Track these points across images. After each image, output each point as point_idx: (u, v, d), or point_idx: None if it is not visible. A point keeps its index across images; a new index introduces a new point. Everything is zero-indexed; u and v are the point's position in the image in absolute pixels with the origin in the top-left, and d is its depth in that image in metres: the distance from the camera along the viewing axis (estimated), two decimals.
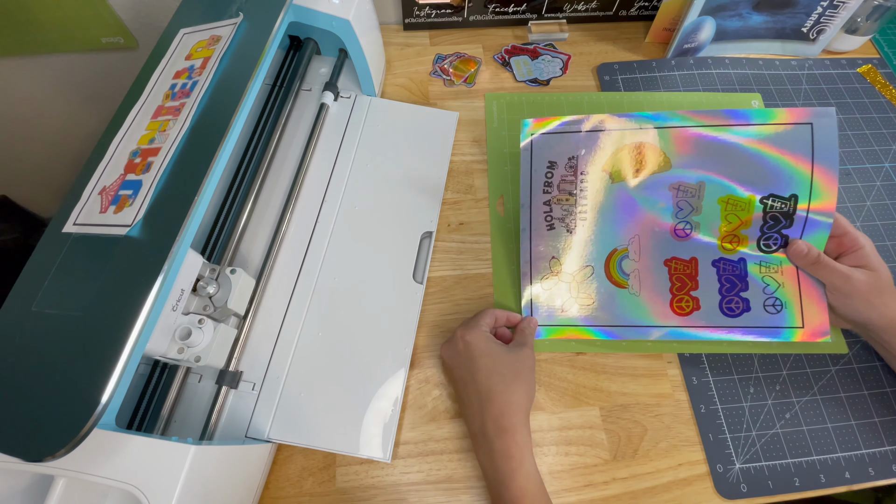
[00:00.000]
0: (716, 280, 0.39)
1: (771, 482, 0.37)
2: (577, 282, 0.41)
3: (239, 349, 0.37)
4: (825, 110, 0.36)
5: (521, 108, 0.53)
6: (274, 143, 0.45)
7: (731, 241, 0.39)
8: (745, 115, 0.38)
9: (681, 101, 0.52)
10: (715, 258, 0.39)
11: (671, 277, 0.39)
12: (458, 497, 0.36)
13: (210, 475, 0.29)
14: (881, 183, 0.49)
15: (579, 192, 0.40)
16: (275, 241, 0.42)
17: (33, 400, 0.25)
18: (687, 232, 0.39)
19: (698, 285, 0.39)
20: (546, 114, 0.51)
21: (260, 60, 0.36)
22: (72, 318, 0.27)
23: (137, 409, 0.35)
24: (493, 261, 0.45)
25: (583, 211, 0.40)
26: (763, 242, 0.38)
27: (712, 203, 0.39)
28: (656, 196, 0.39)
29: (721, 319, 0.39)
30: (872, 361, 0.41)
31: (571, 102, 0.53)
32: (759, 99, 0.53)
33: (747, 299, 0.38)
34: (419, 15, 0.57)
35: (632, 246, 0.40)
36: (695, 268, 0.39)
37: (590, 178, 0.40)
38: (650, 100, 0.53)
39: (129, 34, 0.56)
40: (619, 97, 0.53)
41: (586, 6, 0.58)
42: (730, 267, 0.39)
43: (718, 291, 0.39)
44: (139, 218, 0.30)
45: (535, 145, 0.41)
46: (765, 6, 0.53)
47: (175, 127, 0.33)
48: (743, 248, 0.39)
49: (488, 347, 0.37)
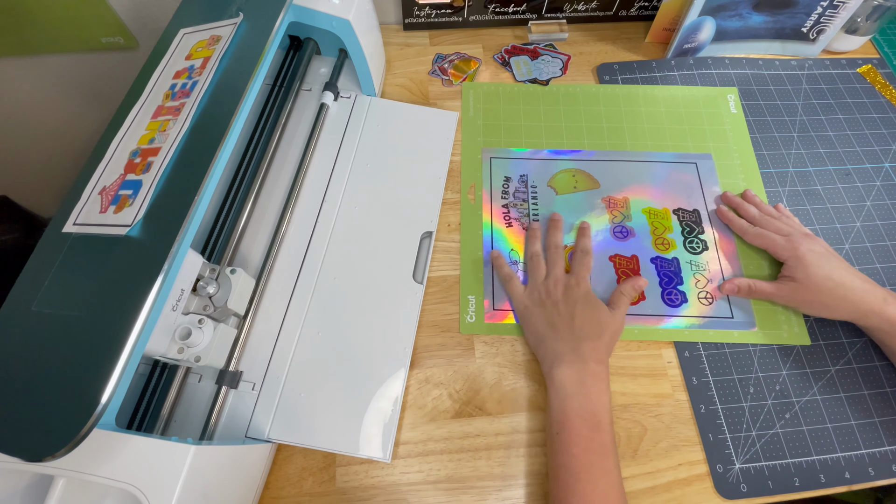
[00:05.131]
0: (656, 274, 0.44)
1: (771, 482, 0.37)
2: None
3: (239, 349, 0.37)
4: (705, 155, 0.50)
5: (497, 97, 0.54)
6: (274, 143, 0.45)
7: (662, 244, 0.46)
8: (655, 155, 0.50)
9: (655, 95, 0.54)
10: (652, 256, 0.45)
11: (617, 271, 0.44)
12: (458, 497, 0.36)
13: (210, 475, 0.29)
14: (881, 183, 0.49)
15: (531, 200, 0.48)
16: (275, 241, 0.42)
17: (33, 400, 0.25)
18: (624, 234, 0.46)
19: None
20: (521, 103, 0.53)
21: (260, 60, 0.36)
22: (72, 318, 0.27)
23: (137, 409, 0.35)
24: (462, 245, 0.45)
25: (535, 214, 0.47)
26: (688, 245, 0.46)
27: (638, 212, 0.47)
28: (593, 206, 0.47)
29: (665, 309, 0.43)
30: (872, 361, 0.41)
31: (547, 94, 0.54)
32: (735, 93, 0.54)
33: (684, 292, 0.44)
34: (419, 15, 0.57)
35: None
36: (636, 263, 0.45)
37: (539, 190, 0.48)
38: (627, 93, 0.54)
39: (129, 34, 0.56)
40: (594, 89, 0.54)
41: (586, 6, 0.58)
42: (666, 263, 0.45)
43: (659, 284, 0.44)
44: (139, 218, 0.30)
45: (492, 163, 0.49)
46: (765, 6, 0.53)
47: (175, 127, 0.33)
48: (674, 249, 0.45)
49: (600, 303, 0.40)
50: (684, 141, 0.51)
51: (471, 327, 0.42)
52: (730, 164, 0.50)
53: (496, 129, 0.52)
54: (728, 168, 0.49)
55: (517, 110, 0.53)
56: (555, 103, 0.53)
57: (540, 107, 0.53)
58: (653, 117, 0.52)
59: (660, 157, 0.50)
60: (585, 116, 0.52)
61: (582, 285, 0.41)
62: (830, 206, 0.48)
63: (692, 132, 0.51)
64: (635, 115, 0.52)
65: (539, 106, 0.53)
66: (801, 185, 0.49)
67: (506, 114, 0.52)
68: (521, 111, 0.53)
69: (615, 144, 0.51)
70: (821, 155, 0.51)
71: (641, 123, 0.52)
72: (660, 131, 0.51)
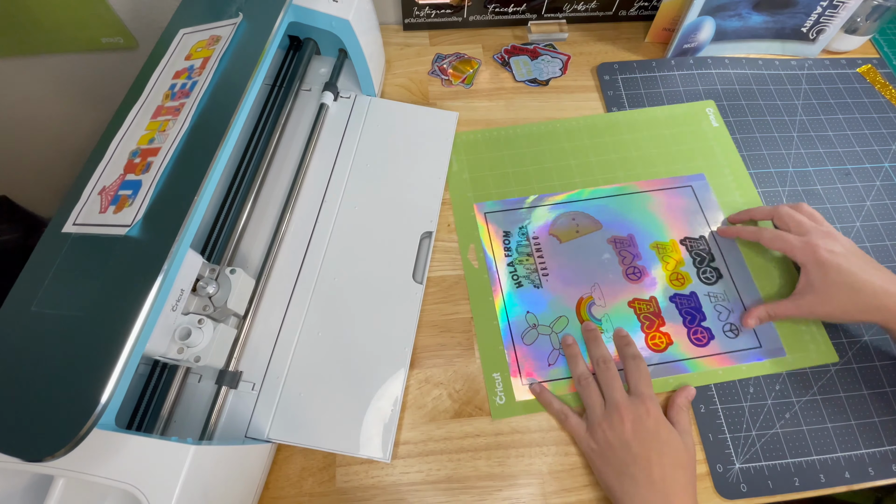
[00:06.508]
0: (678, 314, 0.42)
1: (771, 482, 0.37)
2: (556, 332, 0.42)
3: (239, 349, 0.37)
4: (698, 175, 0.48)
5: (478, 146, 0.50)
6: (274, 143, 0.45)
7: (677, 279, 0.44)
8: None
9: (636, 119, 0.52)
10: (671, 294, 0.43)
11: (639, 317, 0.42)
12: (458, 497, 0.36)
13: (210, 475, 0.29)
14: (881, 183, 0.49)
15: (535, 253, 0.45)
16: (275, 241, 0.42)
17: (33, 400, 0.25)
18: (637, 275, 0.44)
19: (664, 321, 0.42)
20: (504, 148, 0.50)
21: (260, 60, 0.36)
22: (72, 318, 0.27)
23: (137, 409, 0.35)
24: (475, 317, 0.42)
25: (543, 267, 0.44)
26: (702, 277, 0.44)
27: (646, 249, 0.45)
28: (600, 249, 0.45)
29: (694, 351, 0.41)
30: (872, 361, 0.41)
31: (527, 135, 0.51)
32: (713, 106, 0.53)
33: (708, 328, 0.41)
34: (419, 15, 0.57)
35: (595, 292, 0.43)
36: (656, 305, 0.43)
37: (541, 241, 0.46)
38: (608, 121, 0.52)
39: (129, 34, 0.56)
40: (574, 122, 0.52)
41: (586, 6, 0.58)
42: (685, 301, 0.43)
43: (683, 324, 0.42)
44: (139, 218, 0.30)
45: (488, 219, 0.47)
46: (765, 6, 0.53)
47: (175, 127, 0.33)
48: (689, 283, 0.43)
49: (672, 432, 0.35)
50: (675, 164, 0.49)
51: (503, 410, 0.39)
52: (723, 181, 0.48)
53: (483, 180, 0.48)
54: (723, 185, 0.48)
55: (501, 157, 0.50)
56: (538, 143, 0.51)
57: (524, 149, 0.50)
58: (639, 144, 0.50)
59: (654, 185, 0.48)
60: (572, 153, 0.50)
61: (651, 411, 0.35)
62: (830, 206, 0.48)
63: (680, 153, 0.50)
64: (621, 143, 0.50)
65: (523, 149, 0.50)
66: (800, 185, 0.49)
67: (491, 162, 0.49)
68: (505, 157, 0.50)
69: (608, 179, 0.48)
70: (820, 155, 0.51)
71: (629, 152, 0.50)
72: (648, 158, 0.50)
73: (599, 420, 0.36)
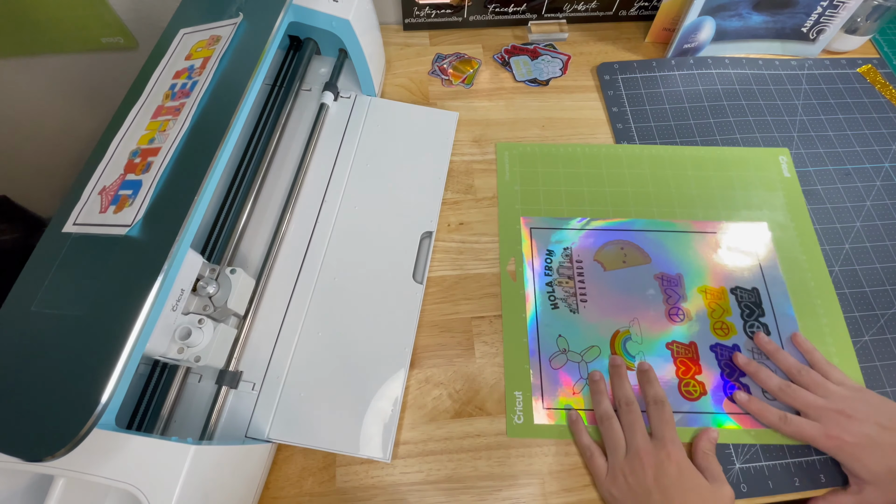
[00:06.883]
0: (716, 364, 0.40)
1: (771, 482, 0.37)
2: (586, 362, 0.40)
3: (239, 349, 0.37)
4: (759, 224, 0.46)
5: (534, 160, 0.49)
6: (274, 143, 0.45)
7: (721, 328, 0.41)
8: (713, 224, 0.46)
9: (703, 156, 0.49)
10: (711, 343, 0.41)
11: (675, 361, 0.40)
12: (458, 497, 0.36)
13: (210, 475, 0.29)
14: (881, 183, 0.49)
15: (577, 277, 0.43)
16: (275, 241, 0.42)
17: (33, 400, 0.25)
18: (680, 317, 0.42)
19: (701, 370, 0.40)
20: (560, 165, 0.49)
21: (260, 60, 0.36)
22: (72, 318, 0.27)
23: (137, 409, 0.35)
24: (505, 330, 0.41)
25: (582, 293, 0.43)
26: (748, 331, 0.41)
27: (693, 292, 0.43)
28: (645, 283, 0.43)
29: (728, 406, 0.39)
30: (873, 361, 0.41)
31: (588, 155, 0.50)
32: (787, 155, 0.50)
33: (747, 386, 0.39)
34: (419, 15, 0.57)
35: (633, 328, 0.41)
36: (695, 352, 0.41)
37: (585, 265, 0.44)
38: (673, 154, 0.50)
39: (129, 34, 0.56)
40: (638, 150, 0.50)
41: (586, 6, 0.58)
42: (726, 352, 0.41)
43: (721, 376, 0.40)
44: (139, 218, 0.30)
45: (533, 234, 0.45)
46: (765, 6, 0.53)
47: (175, 127, 0.33)
48: (734, 335, 0.41)
49: (697, 478, 0.34)
50: (737, 209, 0.47)
51: (519, 430, 0.38)
52: (786, 235, 0.45)
53: (534, 194, 0.47)
54: (785, 240, 0.45)
55: (556, 174, 0.48)
56: (596, 165, 0.49)
57: (581, 169, 0.49)
58: (702, 182, 0.48)
59: (712, 227, 0.45)
60: (630, 180, 0.48)
61: (673, 456, 0.34)
62: (830, 206, 0.48)
63: (745, 199, 0.47)
64: (683, 178, 0.48)
65: (580, 168, 0.49)
66: (801, 185, 0.49)
67: (545, 178, 0.48)
68: (560, 174, 0.48)
69: (664, 213, 0.46)
70: (821, 155, 0.51)
71: (690, 189, 0.48)
72: (710, 198, 0.47)
73: (621, 465, 0.35)
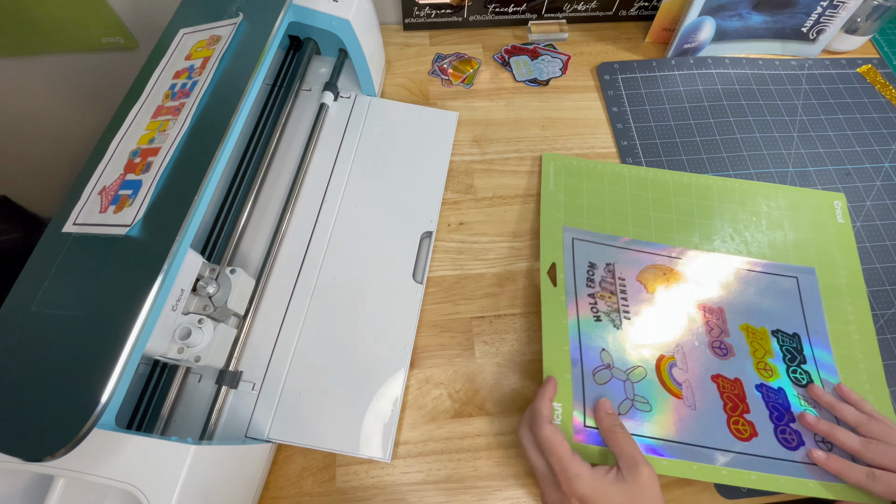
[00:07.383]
0: (764, 406, 0.38)
1: None
2: (633, 382, 0.38)
3: (239, 349, 0.37)
4: (808, 269, 0.44)
5: (580, 174, 0.49)
6: (274, 143, 0.45)
7: (765, 369, 0.39)
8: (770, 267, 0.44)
9: (754, 191, 0.48)
10: (757, 383, 0.39)
11: (721, 395, 0.38)
12: (458, 497, 0.36)
13: (210, 475, 0.29)
14: (881, 183, 0.49)
15: (620, 293, 0.42)
16: (275, 241, 0.42)
17: (33, 400, 0.25)
18: (724, 351, 0.40)
19: (750, 409, 0.38)
20: (606, 183, 0.48)
21: (260, 60, 0.36)
22: (72, 318, 0.27)
23: (137, 409, 0.35)
24: (545, 336, 0.39)
25: (625, 310, 0.41)
26: (792, 376, 0.39)
27: (736, 328, 0.41)
28: (688, 312, 0.41)
29: (781, 452, 0.36)
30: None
31: (633, 177, 0.49)
32: (842, 200, 0.48)
33: (799, 432, 0.37)
34: (419, 15, 0.57)
35: (678, 354, 0.40)
36: (741, 389, 0.38)
37: (627, 283, 0.42)
38: (722, 186, 0.48)
39: (129, 34, 0.56)
40: (686, 178, 0.49)
41: (586, 6, 0.58)
42: (773, 394, 0.38)
43: (770, 419, 0.37)
44: (139, 218, 0.30)
45: (575, 245, 0.44)
46: (765, 6, 0.53)
47: (175, 127, 0.33)
48: (778, 378, 0.39)
49: (602, 490, 0.30)
50: (785, 250, 0.45)
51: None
52: (835, 282, 0.43)
53: (578, 207, 0.46)
54: (833, 288, 0.43)
55: (601, 190, 0.48)
56: (643, 188, 0.48)
57: (626, 190, 0.48)
58: (749, 218, 0.46)
59: (757, 265, 0.44)
60: (676, 208, 0.47)
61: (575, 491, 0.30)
62: None
63: (795, 241, 0.45)
64: (730, 212, 0.47)
65: (626, 189, 0.48)
66: (801, 185, 0.49)
67: (589, 193, 0.47)
68: (605, 192, 0.47)
69: (708, 246, 0.45)
70: (821, 155, 0.51)
71: (737, 223, 0.46)
72: (757, 236, 0.45)
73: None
